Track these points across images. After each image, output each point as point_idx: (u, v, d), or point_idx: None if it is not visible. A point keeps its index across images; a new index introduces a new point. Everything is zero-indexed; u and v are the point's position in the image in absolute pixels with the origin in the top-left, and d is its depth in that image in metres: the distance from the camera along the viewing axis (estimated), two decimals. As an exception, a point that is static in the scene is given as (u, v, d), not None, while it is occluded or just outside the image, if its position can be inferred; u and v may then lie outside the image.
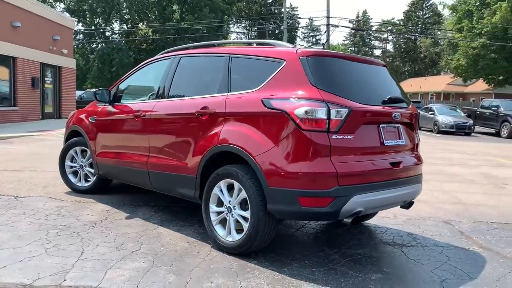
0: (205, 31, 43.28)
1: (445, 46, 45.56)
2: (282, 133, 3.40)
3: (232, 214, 3.71)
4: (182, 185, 4.21)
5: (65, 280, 3.09)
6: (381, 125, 3.71)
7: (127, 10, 46.66)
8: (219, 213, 3.85)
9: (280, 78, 3.59)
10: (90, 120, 5.46)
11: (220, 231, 3.82)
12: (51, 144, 10.95)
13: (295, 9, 68.05)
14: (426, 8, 64.43)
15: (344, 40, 67.33)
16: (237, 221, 3.70)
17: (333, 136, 3.32)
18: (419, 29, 64.43)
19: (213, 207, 3.87)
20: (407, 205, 4.09)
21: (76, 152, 5.73)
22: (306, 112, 3.29)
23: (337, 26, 44.59)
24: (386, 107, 3.79)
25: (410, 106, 4.18)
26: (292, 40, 56.51)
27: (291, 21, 62.67)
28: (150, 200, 5.48)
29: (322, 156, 3.30)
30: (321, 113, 3.29)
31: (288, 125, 3.36)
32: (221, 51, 4.34)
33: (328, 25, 28.78)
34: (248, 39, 67.74)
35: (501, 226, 4.98)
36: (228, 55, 4.10)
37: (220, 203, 3.86)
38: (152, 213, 4.91)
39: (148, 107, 4.64)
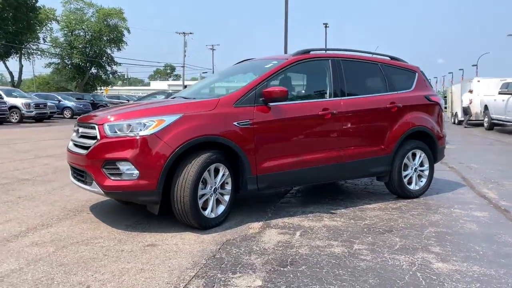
0: None
1: None
2: (437, 114, 5.87)
3: (416, 172, 5.62)
4: (376, 165, 5.27)
5: None
6: None
7: None
8: (405, 176, 5.53)
9: (418, 83, 5.85)
10: (240, 125, 4.21)
11: (408, 186, 5.55)
12: None
13: None
14: None
15: None
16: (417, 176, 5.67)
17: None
18: None
19: (403, 172, 5.49)
20: None
21: (209, 172, 4.01)
22: (442, 102, 6.00)
23: None
24: None
25: None
26: None
27: None
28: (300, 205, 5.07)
29: (443, 124, 6.18)
30: (442, 102, 6.10)
31: (439, 110, 5.91)
32: (368, 58, 5.56)
33: None
34: None
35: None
36: (380, 63, 5.56)
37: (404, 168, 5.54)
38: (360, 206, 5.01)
39: (334, 104, 4.91)
